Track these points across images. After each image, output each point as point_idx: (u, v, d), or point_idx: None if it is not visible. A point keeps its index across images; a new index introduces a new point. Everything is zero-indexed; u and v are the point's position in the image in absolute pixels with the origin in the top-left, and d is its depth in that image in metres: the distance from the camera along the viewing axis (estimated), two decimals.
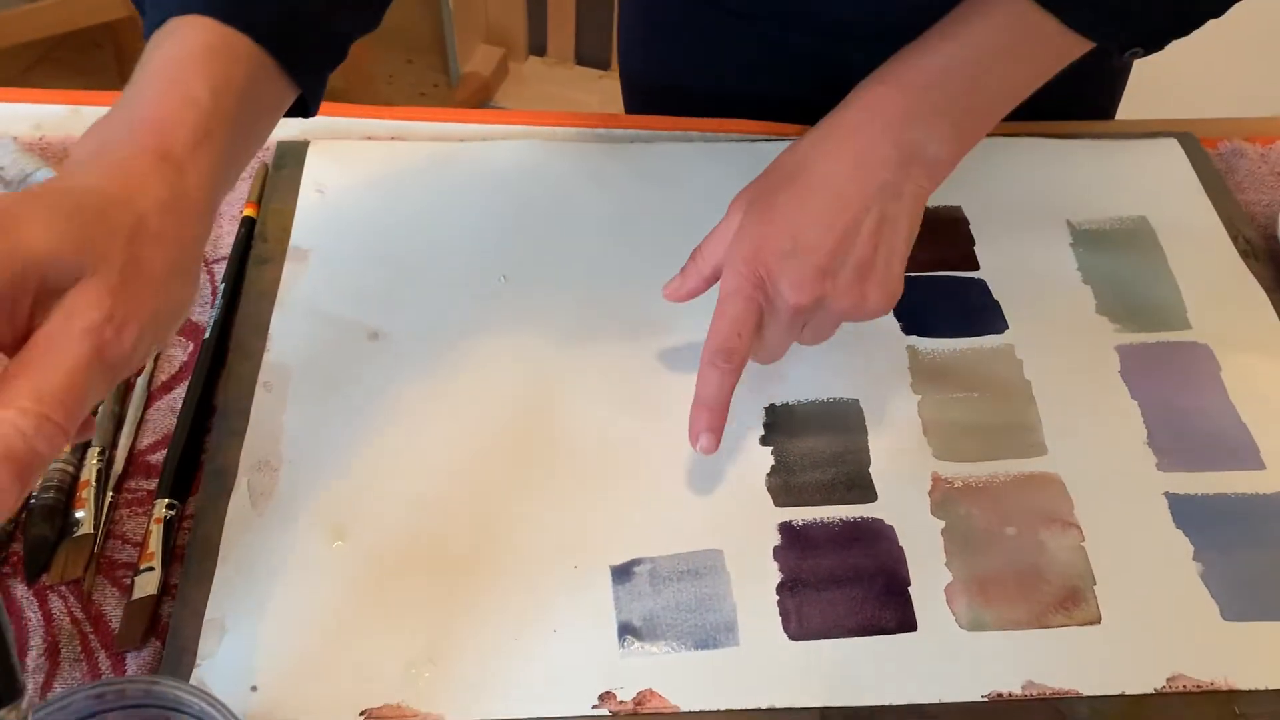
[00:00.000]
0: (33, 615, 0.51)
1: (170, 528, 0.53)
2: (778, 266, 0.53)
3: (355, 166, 0.70)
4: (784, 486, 0.57)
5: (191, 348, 0.61)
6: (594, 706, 0.48)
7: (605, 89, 2.16)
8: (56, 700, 0.37)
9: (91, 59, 2.10)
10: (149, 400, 0.59)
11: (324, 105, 0.74)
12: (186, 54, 0.42)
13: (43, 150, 0.70)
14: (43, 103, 0.74)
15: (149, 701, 0.37)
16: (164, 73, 0.41)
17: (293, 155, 0.71)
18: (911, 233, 0.55)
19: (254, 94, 0.44)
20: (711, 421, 0.54)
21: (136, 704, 0.37)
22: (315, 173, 0.70)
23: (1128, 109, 0.86)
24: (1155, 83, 0.97)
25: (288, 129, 0.73)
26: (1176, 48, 0.58)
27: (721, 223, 0.56)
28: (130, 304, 0.36)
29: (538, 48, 2.24)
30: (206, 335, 0.61)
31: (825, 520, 0.55)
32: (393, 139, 0.73)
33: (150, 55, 0.42)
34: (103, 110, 0.43)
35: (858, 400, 0.60)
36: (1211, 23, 0.57)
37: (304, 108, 0.51)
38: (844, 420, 0.60)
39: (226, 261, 0.65)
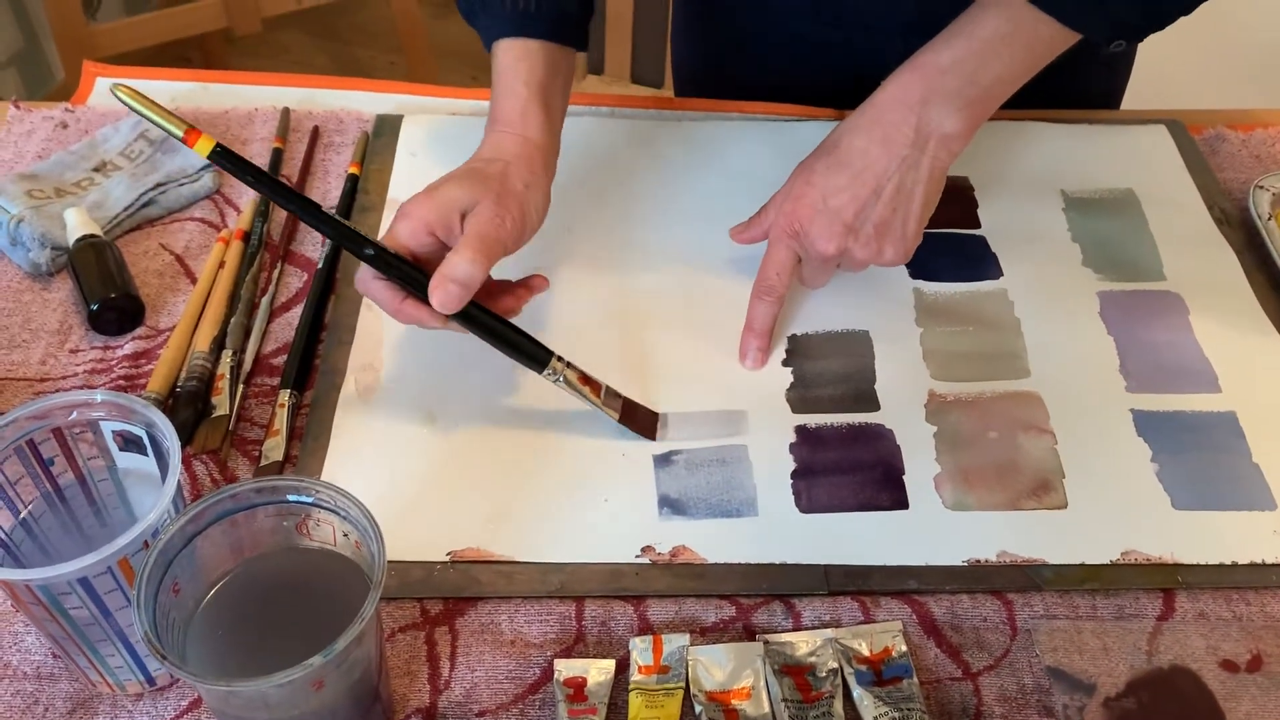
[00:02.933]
0: (181, 475, 0.62)
1: (291, 413, 0.65)
2: (810, 222, 0.65)
3: (442, 135, 0.82)
4: (800, 399, 0.67)
5: (306, 277, 0.73)
6: (636, 556, 0.59)
7: None
8: (226, 491, 0.47)
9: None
10: (271, 317, 0.71)
11: (415, 87, 0.87)
12: (505, 67, 0.66)
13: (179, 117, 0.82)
14: (177, 80, 0.87)
15: (296, 495, 0.48)
16: (498, 83, 0.66)
17: (389, 126, 0.83)
18: (929, 198, 0.65)
19: (552, 69, 0.66)
20: (758, 342, 0.68)
21: (285, 499, 0.48)
22: (409, 140, 0.82)
23: (1131, 101, 0.95)
24: (1158, 79, 1.06)
25: (385, 105, 0.85)
26: (1178, 50, 0.67)
27: (781, 189, 0.68)
28: (505, 205, 0.61)
29: (595, 66, 2.37)
30: (319, 266, 0.73)
31: (834, 424, 0.65)
32: (472, 115, 0.84)
33: (494, 68, 0.67)
34: (224, 86, 0.83)
35: (867, 331, 0.70)
36: (1213, 29, 0.65)
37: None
38: (855, 347, 0.70)
39: (335, 210, 0.77)
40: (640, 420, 0.64)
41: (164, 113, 0.56)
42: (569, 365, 0.62)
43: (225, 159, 0.57)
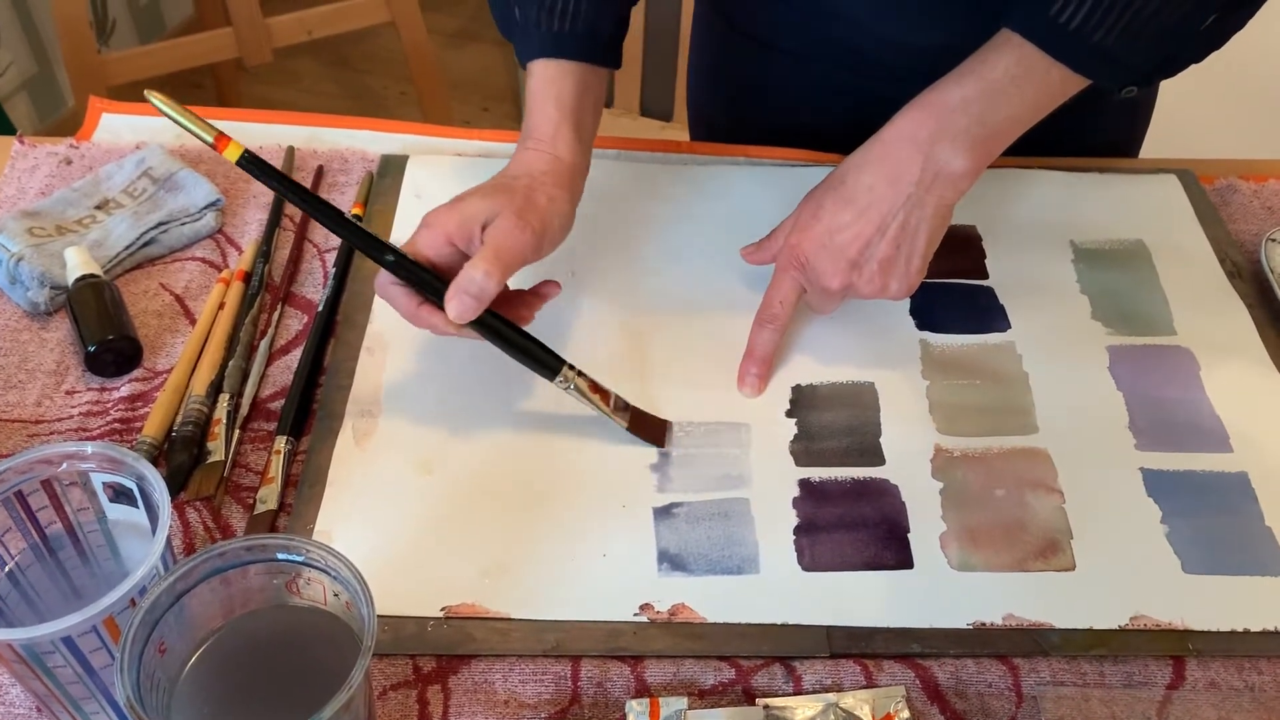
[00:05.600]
0: (173, 524, 0.61)
1: (287, 459, 0.64)
2: (815, 256, 0.65)
3: (447, 176, 0.81)
4: (805, 451, 0.66)
5: (306, 319, 0.73)
6: (634, 614, 0.58)
7: (668, 138, 2.29)
8: (215, 549, 0.46)
9: (193, 99, 2.26)
10: (269, 360, 0.70)
11: (421, 127, 0.87)
12: (538, 87, 0.67)
13: (183, 155, 0.82)
14: None
15: (286, 554, 0.47)
16: (530, 102, 0.67)
17: (394, 166, 0.82)
18: (934, 235, 0.65)
19: (583, 89, 0.67)
20: (757, 369, 0.69)
21: (274, 558, 0.47)
22: (414, 181, 0.81)
23: (1150, 149, 0.94)
24: (1175, 124, 1.05)
25: (390, 145, 0.85)
26: (1196, 95, 0.66)
27: (790, 215, 0.69)
28: (525, 217, 0.61)
29: (605, 99, 2.37)
30: (319, 309, 0.72)
31: (839, 478, 0.64)
32: (478, 156, 0.84)
33: (527, 87, 0.68)
34: (231, 124, 0.80)
35: (873, 383, 0.70)
36: (1230, 79, 0.65)
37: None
38: (860, 399, 0.69)
39: (337, 252, 0.76)
40: (649, 428, 0.65)
41: (195, 118, 0.58)
42: (580, 373, 0.63)
43: (253, 165, 0.60)
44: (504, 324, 0.62)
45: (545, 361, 0.63)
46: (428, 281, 0.61)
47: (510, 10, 0.68)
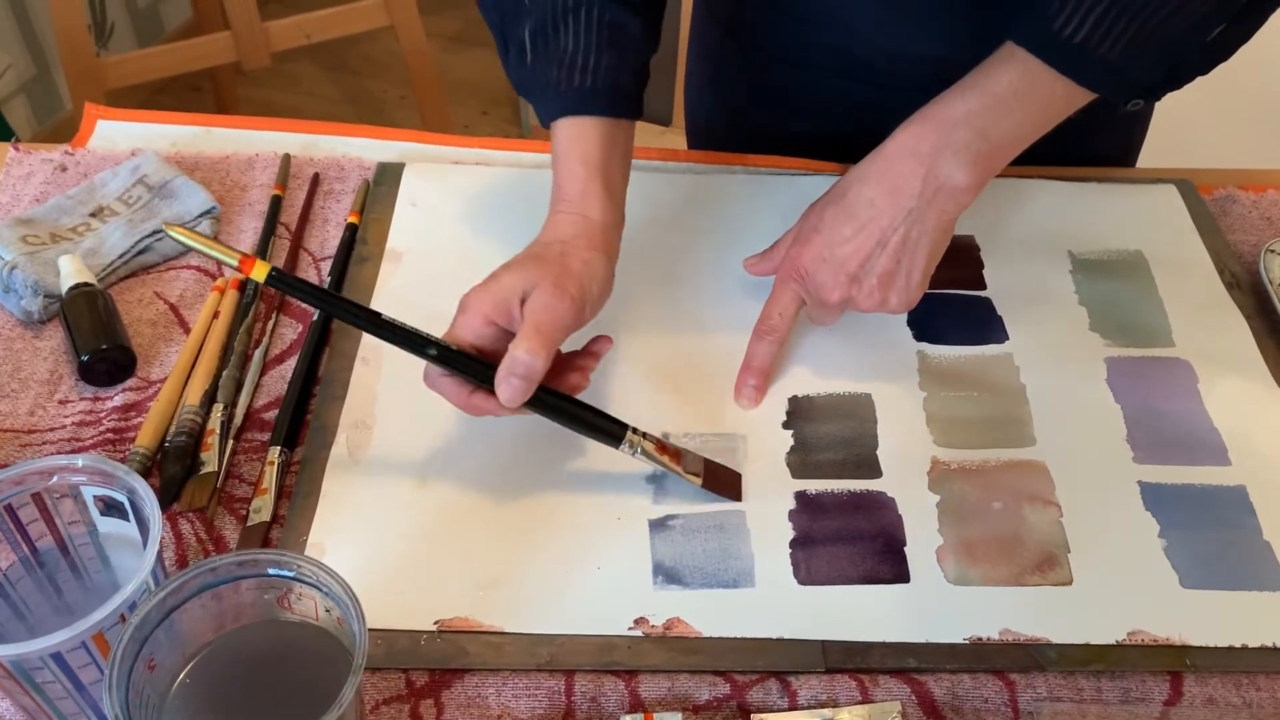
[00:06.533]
0: (166, 535, 0.61)
1: (280, 470, 0.63)
2: (815, 269, 0.65)
3: (444, 185, 0.81)
4: (801, 463, 0.65)
5: (301, 329, 0.72)
6: (629, 628, 0.57)
7: (667, 143, 2.27)
8: (206, 564, 0.46)
9: (191, 102, 2.27)
10: (264, 370, 0.70)
11: (418, 134, 0.86)
12: (563, 147, 0.65)
13: (179, 162, 0.82)
14: (179, 124, 0.87)
15: (277, 569, 0.47)
16: (557, 163, 0.65)
17: (391, 174, 0.82)
18: (934, 249, 0.65)
19: (609, 145, 0.65)
20: (755, 380, 0.68)
21: (266, 573, 0.47)
22: (409, 189, 0.81)
23: (1148, 159, 0.94)
24: (1172, 134, 1.05)
25: (387, 153, 0.85)
26: (1193, 104, 0.66)
27: (792, 227, 0.69)
28: (563, 286, 0.59)
29: None
30: (314, 319, 0.72)
31: (835, 491, 0.64)
32: (476, 164, 0.84)
33: (553, 147, 0.66)
34: (228, 130, 0.81)
35: (870, 395, 0.69)
36: (1229, 90, 0.65)
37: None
38: (857, 411, 0.68)
39: (332, 260, 0.76)
40: (724, 482, 0.63)
41: (218, 245, 0.56)
42: (644, 436, 0.61)
43: (281, 282, 0.58)
44: (559, 399, 0.60)
45: (608, 430, 0.61)
46: (474, 369, 0.59)
47: (528, 72, 0.66)
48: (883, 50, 0.79)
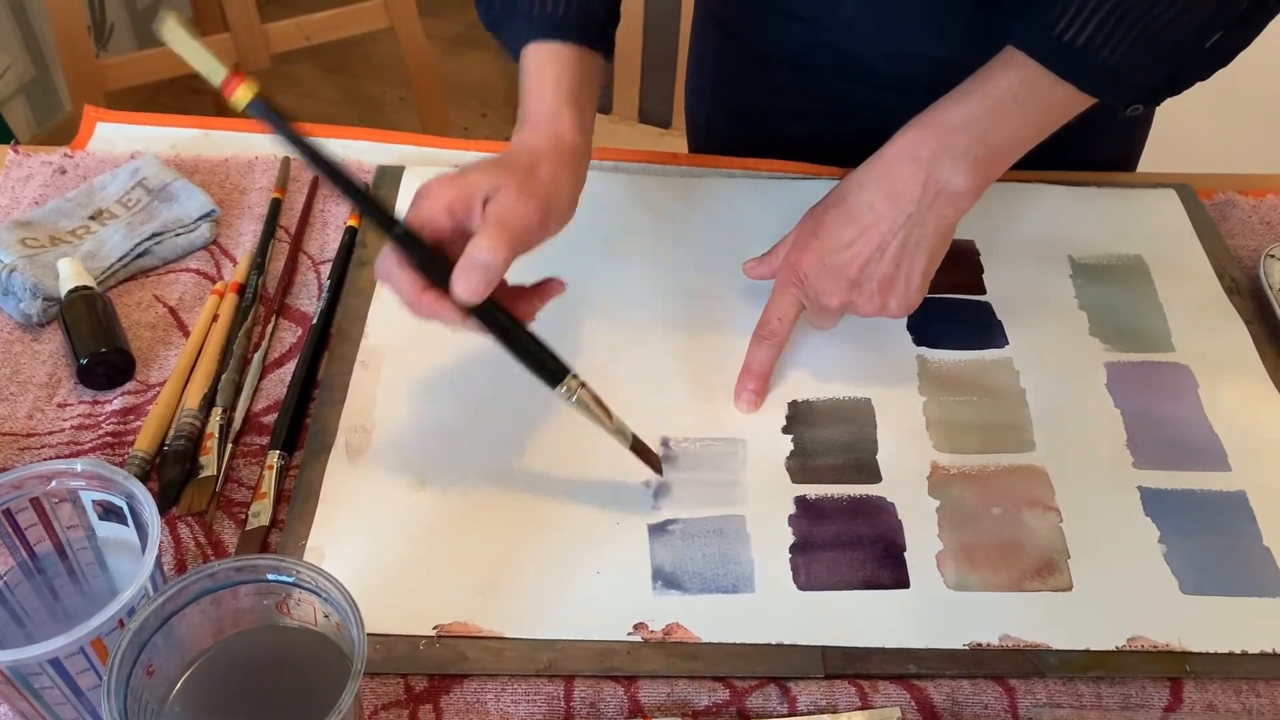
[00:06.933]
0: (164, 539, 0.61)
1: (280, 475, 0.63)
2: (814, 274, 0.65)
3: None
4: (801, 468, 0.65)
5: (300, 332, 0.72)
6: (629, 634, 0.57)
7: (667, 145, 2.29)
8: (205, 570, 0.46)
9: (191, 104, 2.27)
10: (263, 373, 0.70)
11: (418, 137, 0.86)
12: (534, 71, 0.64)
13: (178, 165, 0.82)
14: (178, 127, 0.87)
15: (276, 575, 0.46)
16: (526, 86, 0.65)
17: (390, 177, 0.82)
18: (934, 254, 0.64)
19: (581, 73, 0.65)
20: (754, 385, 0.68)
21: (264, 579, 0.47)
22: (409, 192, 0.80)
23: (1148, 164, 0.94)
24: (1173, 137, 1.05)
25: (387, 156, 0.85)
26: (1195, 109, 0.66)
27: (792, 231, 0.68)
28: (528, 191, 0.58)
29: (604, 106, 2.37)
30: (314, 322, 0.72)
31: (835, 496, 0.64)
32: None
33: (523, 73, 0.65)
34: (227, 133, 0.80)
35: (869, 399, 0.69)
36: (1229, 94, 0.65)
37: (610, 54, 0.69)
38: (856, 415, 0.68)
39: (332, 263, 0.76)
40: (647, 455, 0.63)
41: (208, 57, 0.54)
42: (583, 385, 0.59)
43: (263, 111, 0.56)
44: (509, 319, 0.58)
45: (549, 366, 0.59)
46: (434, 262, 0.56)
47: (496, 6, 0.66)
48: (883, 52, 0.79)
